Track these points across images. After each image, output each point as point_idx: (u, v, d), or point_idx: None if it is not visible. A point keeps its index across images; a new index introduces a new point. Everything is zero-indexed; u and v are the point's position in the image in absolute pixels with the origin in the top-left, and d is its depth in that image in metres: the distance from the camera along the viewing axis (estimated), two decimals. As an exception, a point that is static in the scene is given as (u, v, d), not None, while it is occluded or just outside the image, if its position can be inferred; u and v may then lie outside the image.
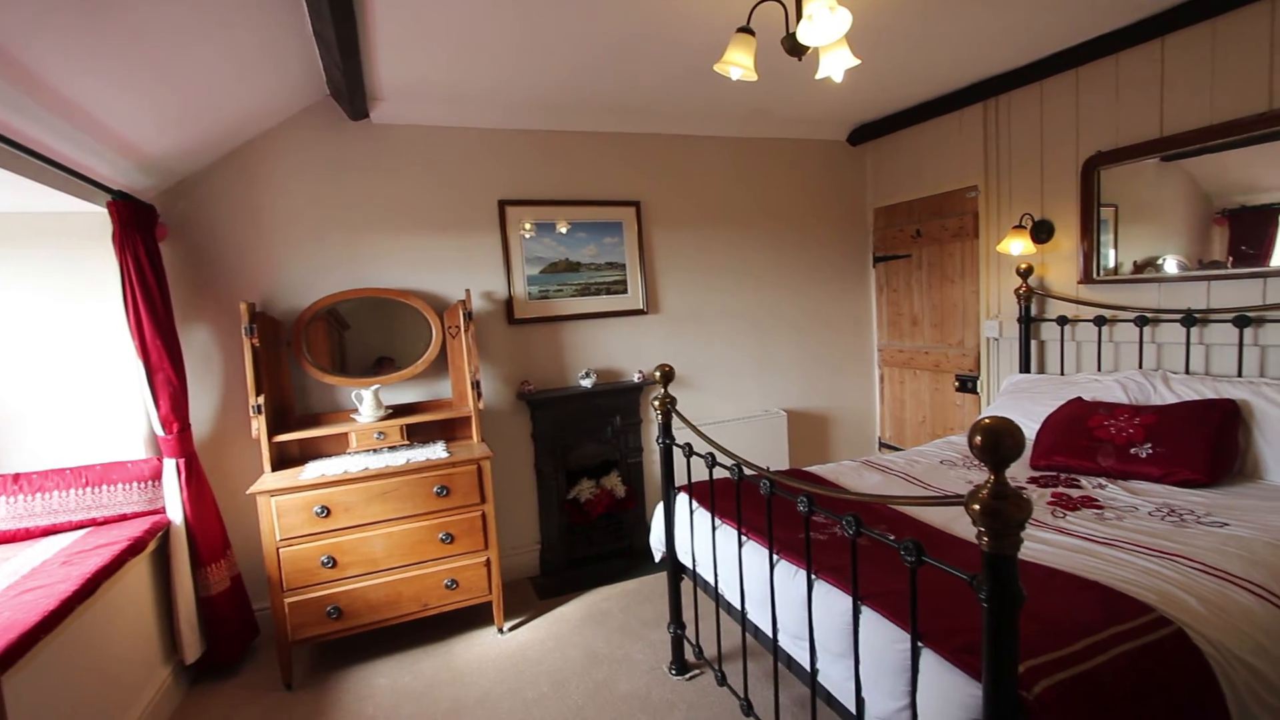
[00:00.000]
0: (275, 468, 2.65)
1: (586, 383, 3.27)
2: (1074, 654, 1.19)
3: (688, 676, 2.37)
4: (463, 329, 2.83)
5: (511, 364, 3.28)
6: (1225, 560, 1.55)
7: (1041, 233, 3.08)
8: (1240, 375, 2.39)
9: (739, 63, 1.94)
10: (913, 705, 1.26)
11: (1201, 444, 2.14)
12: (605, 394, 3.34)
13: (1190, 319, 2.51)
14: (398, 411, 2.95)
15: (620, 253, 3.45)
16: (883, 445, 4.20)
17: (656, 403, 2.24)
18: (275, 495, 2.41)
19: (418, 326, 3.02)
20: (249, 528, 2.78)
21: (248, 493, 2.45)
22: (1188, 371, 2.55)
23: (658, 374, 2.20)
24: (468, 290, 2.92)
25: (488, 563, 2.71)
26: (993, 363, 3.42)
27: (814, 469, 2.61)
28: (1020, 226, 3.10)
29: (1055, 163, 3.02)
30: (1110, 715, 1.13)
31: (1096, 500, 2.07)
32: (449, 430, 3.03)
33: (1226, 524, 1.79)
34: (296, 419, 2.87)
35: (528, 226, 3.27)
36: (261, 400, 2.57)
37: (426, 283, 3.10)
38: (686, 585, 2.39)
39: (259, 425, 2.58)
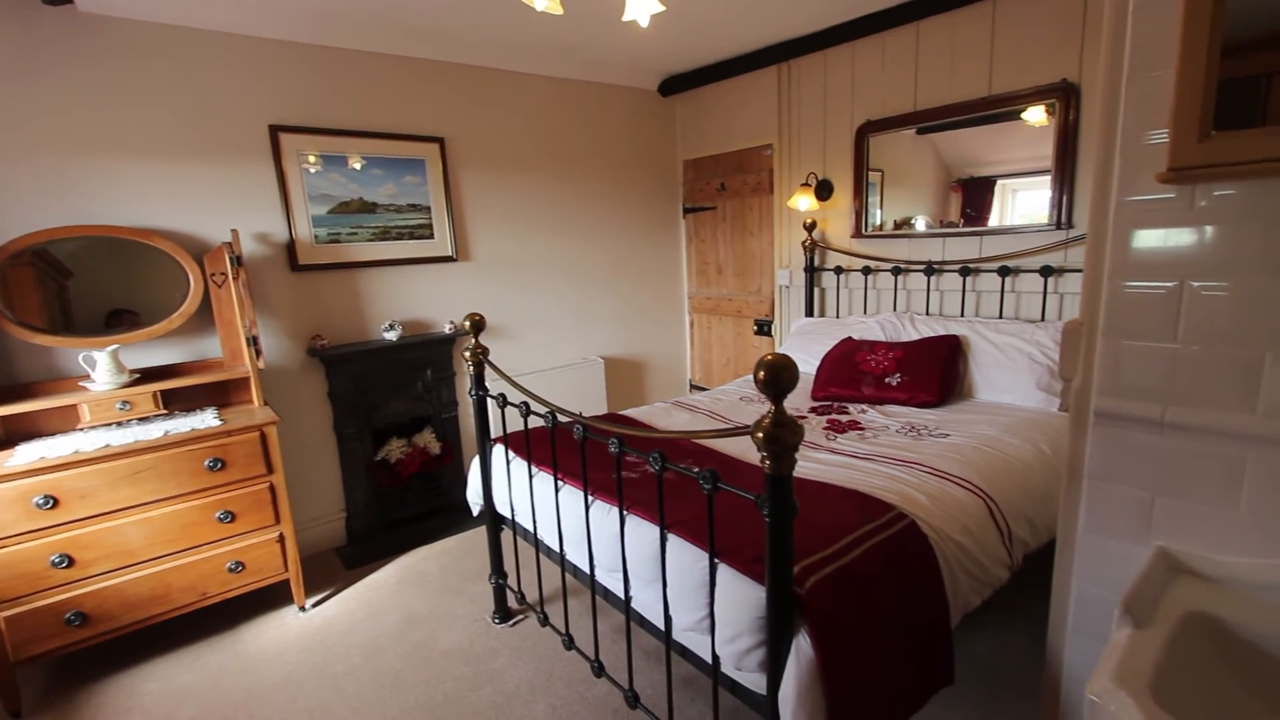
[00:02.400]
0: (-32, 453, 2.08)
1: (391, 335, 3.02)
2: (837, 551, 1.39)
3: (511, 623, 2.39)
4: (231, 277, 2.42)
5: (298, 316, 2.90)
6: (946, 463, 1.92)
7: (824, 191, 3.43)
8: (963, 315, 2.93)
9: (543, -10, 1.82)
10: (711, 614, 1.39)
11: (934, 372, 2.60)
12: (413, 347, 3.12)
13: (930, 269, 3.00)
14: (149, 376, 2.47)
15: (424, 194, 3.17)
16: (693, 386, 4.51)
17: (468, 354, 2.14)
18: (-31, 488, 1.90)
19: (169, 274, 2.52)
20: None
21: (-75, 488, 1.90)
22: (928, 313, 3.06)
23: (468, 324, 2.09)
24: (234, 231, 2.49)
25: (280, 538, 2.43)
26: (784, 308, 3.80)
27: (628, 412, 2.71)
28: (806, 184, 3.43)
29: (835, 127, 3.35)
30: (863, 595, 1.35)
31: (860, 423, 2.43)
32: (221, 395, 2.61)
33: (949, 435, 2.21)
34: (-2, 390, 2.27)
35: (312, 159, 2.85)
36: (-65, 368, 1.97)
37: (178, 221, 2.58)
38: (507, 536, 2.37)
39: (-65, 401, 1.99)
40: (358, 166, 2.97)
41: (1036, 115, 2.58)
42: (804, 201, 3.36)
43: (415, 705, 2.00)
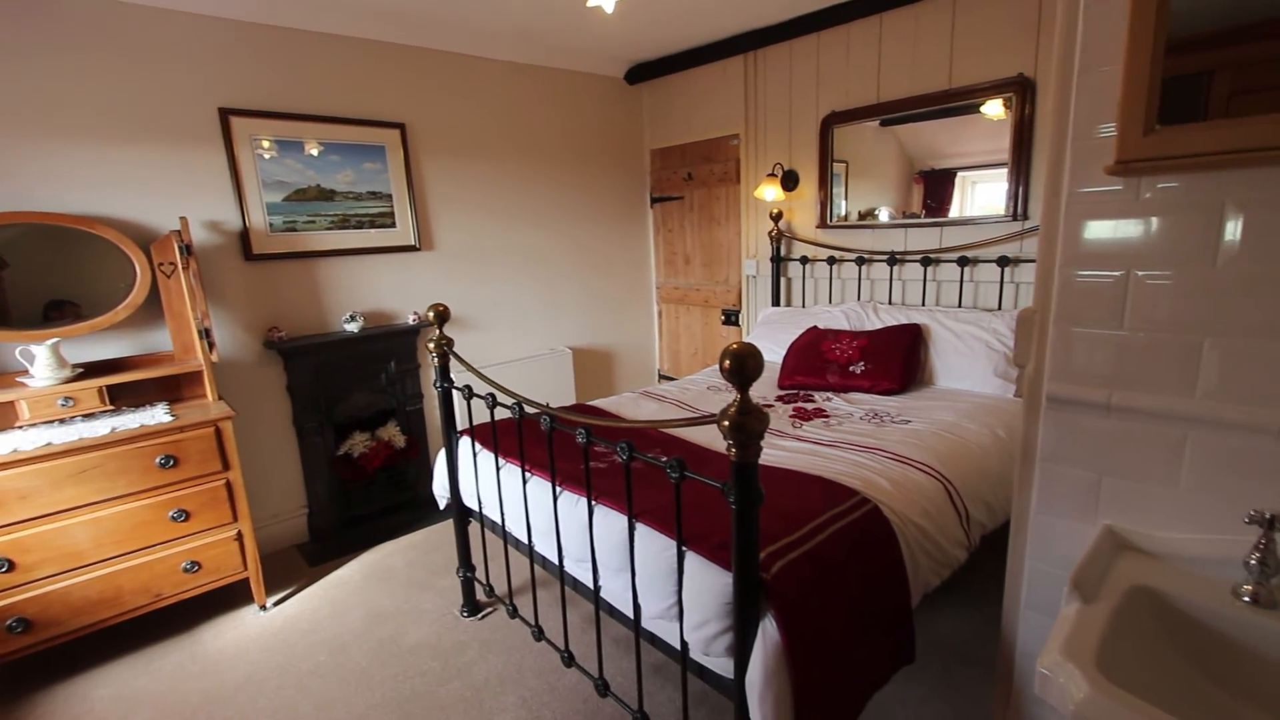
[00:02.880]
0: (-105, 454, 1.96)
1: (352, 327, 2.94)
2: (802, 536, 1.41)
3: (480, 616, 2.37)
4: (180, 266, 2.32)
5: (254, 308, 2.81)
6: (907, 449, 1.97)
7: (790, 181, 3.46)
8: (924, 304, 3.00)
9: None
10: (679, 601, 1.40)
11: (897, 360, 2.65)
12: (376, 338, 3.05)
13: (893, 259, 3.06)
14: (94, 370, 2.36)
15: (384, 181, 3.09)
16: (661, 376, 4.53)
17: (433, 345, 2.10)
18: (-103, 490, 1.80)
19: (114, 264, 2.40)
20: None
21: None
22: (890, 302, 3.12)
23: (432, 315, 2.05)
24: (183, 219, 2.39)
25: (239, 536, 2.36)
26: (751, 297, 3.84)
27: (596, 402, 2.70)
28: (772, 175, 3.45)
29: (801, 118, 3.38)
30: (828, 578, 1.38)
31: (825, 411, 2.47)
32: (172, 389, 2.51)
33: (910, 421, 2.26)
34: (-74, 387, 2.14)
35: (266, 144, 2.75)
36: None
37: (123, 208, 2.47)
38: (475, 529, 2.35)
39: None
40: (315, 152, 2.88)
41: (994, 109, 2.64)
42: (770, 192, 3.39)
43: (383, 701, 1.97)
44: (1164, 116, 0.98)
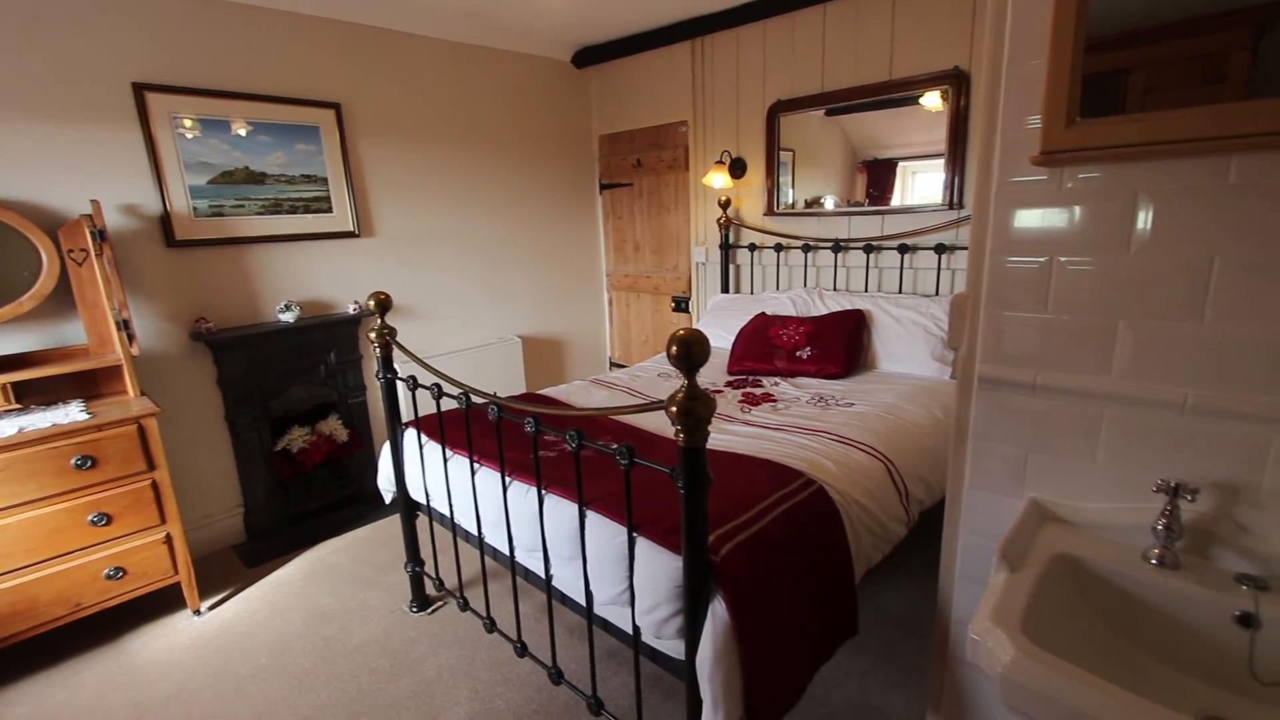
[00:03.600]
0: None
1: (288, 317, 2.81)
2: (750, 518, 1.44)
3: (430, 611, 2.33)
4: (93, 253, 2.16)
5: (179, 297, 2.64)
6: (850, 430, 2.03)
7: (737, 169, 3.49)
8: (867, 290, 3.09)
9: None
10: (631, 586, 1.41)
11: (841, 345, 2.73)
12: (314, 329, 2.92)
13: (838, 246, 3.14)
14: (-2, 365, 2.18)
15: (319, 164, 2.95)
16: (612, 364, 4.52)
17: (374, 335, 2.03)
18: None
19: (15, 250, 2.21)
20: None
21: None
22: (835, 288, 3.20)
23: (372, 303, 1.98)
24: (95, 202, 2.22)
25: (168, 538, 2.24)
26: (701, 284, 3.86)
27: (546, 391, 2.68)
28: (720, 162, 3.47)
29: (748, 105, 3.40)
30: (775, 558, 1.41)
31: (773, 395, 2.52)
32: (89, 385, 2.35)
33: (854, 404, 2.33)
34: None
35: (188, 123, 2.58)
36: None
37: (25, 190, 2.27)
38: (423, 523, 2.30)
39: None
40: (242, 133, 2.72)
41: (933, 101, 2.73)
42: (718, 179, 3.41)
43: (328, 702, 1.91)
44: (1088, 110, 1.03)
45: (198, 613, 2.36)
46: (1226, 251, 0.97)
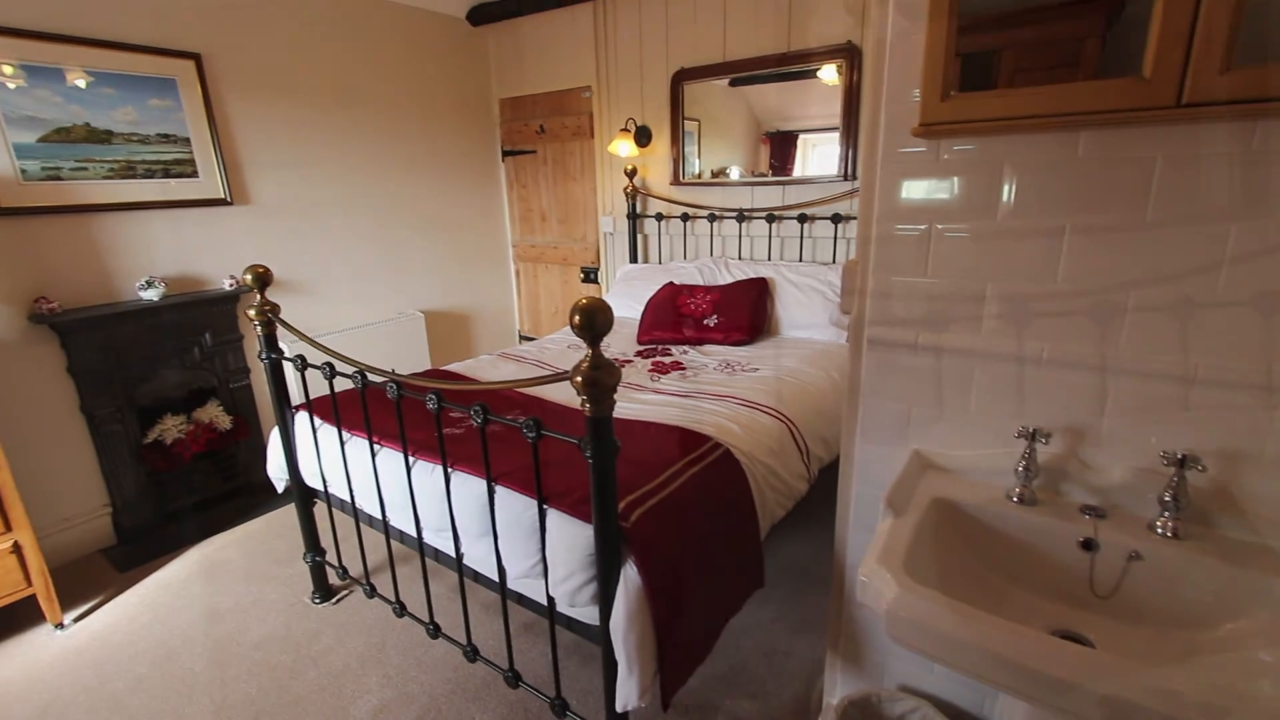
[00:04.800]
0: None
1: (150, 294, 2.52)
2: (659, 484, 1.47)
3: (334, 601, 2.23)
4: (-108, 221, 1.83)
5: (10, 275, 2.30)
6: (755, 394, 2.11)
7: (643, 138, 3.46)
8: (769, 259, 3.19)
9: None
10: (544, 559, 1.40)
11: (746, 313, 2.81)
12: (183, 307, 2.65)
13: (742, 216, 3.21)
14: None
15: (179, 122, 2.64)
16: (522, 337, 4.43)
17: (254, 313, 1.87)
18: None
19: None
20: None
21: None
22: (740, 257, 3.28)
23: (250, 278, 1.81)
24: (-110, 159, 1.87)
25: (16, 547, 1.98)
26: (610, 255, 3.84)
27: (451, 366, 2.59)
28: (626, 130, 3.43)
29: (652, 73, 3.37)
30: (684, 521, 1.45)
31: (682, 364, 2.56)
32: (-100, 377, 2.01)
33: (759, 369, 2.42)
34: None
35: (9, 70, 2.21)
36: None
37: None
38: (321, 510, 2.17)
39: None
40: (81, 84, 2.37)
41: (829, 74, 2.81)
42: (624, 147, 3.37)
43: (224, 705, 1.79)
44: (966, 86, 1.09)
45: (60, 626, 2.12)
46: (1075, 219, 1.08)
